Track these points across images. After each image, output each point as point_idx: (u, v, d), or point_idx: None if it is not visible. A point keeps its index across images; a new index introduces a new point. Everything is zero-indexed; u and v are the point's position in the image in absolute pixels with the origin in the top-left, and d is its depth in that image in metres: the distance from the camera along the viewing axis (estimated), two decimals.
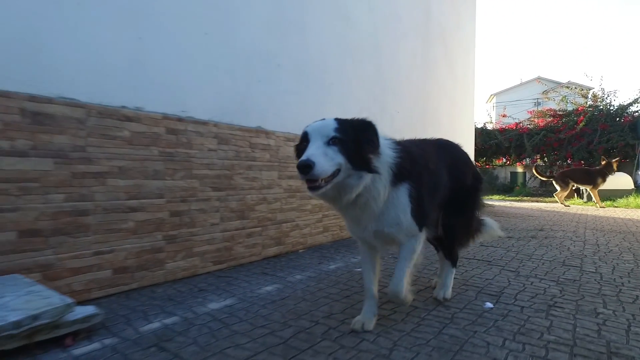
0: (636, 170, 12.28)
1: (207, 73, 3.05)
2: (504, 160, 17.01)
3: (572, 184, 9.70)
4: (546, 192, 14.12)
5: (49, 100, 2.17)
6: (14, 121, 2.04)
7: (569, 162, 13.92)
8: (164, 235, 2.74)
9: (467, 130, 8.87)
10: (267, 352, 1.73)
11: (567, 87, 17.77)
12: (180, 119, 2.84)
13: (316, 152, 1.54)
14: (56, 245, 2.22)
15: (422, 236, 2.01)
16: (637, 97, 13.31)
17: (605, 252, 3.88)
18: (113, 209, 2.46)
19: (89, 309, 1.88)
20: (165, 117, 2.74)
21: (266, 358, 1.67)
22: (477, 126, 15.39)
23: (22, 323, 1.59)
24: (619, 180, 10.38)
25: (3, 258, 2.02)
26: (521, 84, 34.53)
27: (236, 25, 3.27)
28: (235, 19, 3.26)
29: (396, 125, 5.66)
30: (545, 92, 23.63)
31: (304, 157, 1.50)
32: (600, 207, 9.21)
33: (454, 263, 2.47)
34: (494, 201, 11.58)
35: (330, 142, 1.59)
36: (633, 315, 2.16)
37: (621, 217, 7.28)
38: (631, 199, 9.78)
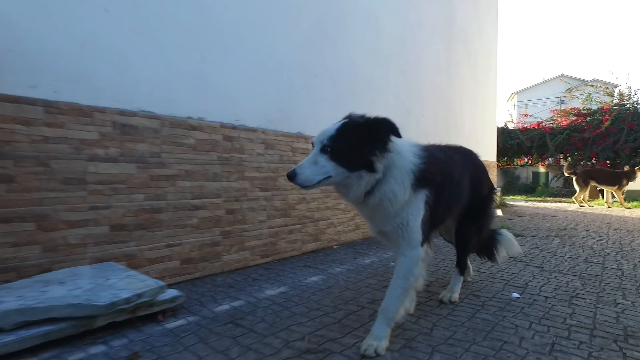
0: None
1: (256, 85, 3.39)
2: (526, 160, 16.90)
3: (594, 184, 9.67)
4: (570, 192, 14.03)
5: (133, 114, 2.55)
6: (107, 132, 2.42)
7: (593, 161, 13.78)
8: (220, 231, 3.10)
9: (489, 131, 9.00)
10: (325, 329, 2.04)
11: (592, 86, 17.45)
12: (234, 127, 3.19)
13: (305, 162, 1.74)
14: (137, 238, 2.59)
15: (421, 254, 1.93)
16: None
17: (628, 251, 4.05)
18: (181, 207, 2.83)
19: (174, 292, 2.23)
20: (222, 125, 3.10)
21: (326, 333, 1.99)
22: (497, 126, 15.37)
23: (131, 299, 1.95)
24: None
25: (99, 248, 2.41)
26: (543, 82, 33.97)
27: (280, 41, 3.60)
28: (279, 35, 3.59)
29: (421, 128, 5.91)
30: (568, 90, 23.18)
31: (292, 168, 1.73)
32: (625, 208, 9.20)
33: (461, 272, 2.59)
34: (515, 201, 11.63)
35: (323, 149, 1.73)
36: None
37: None
38: None
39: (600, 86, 16.62)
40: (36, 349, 1.74)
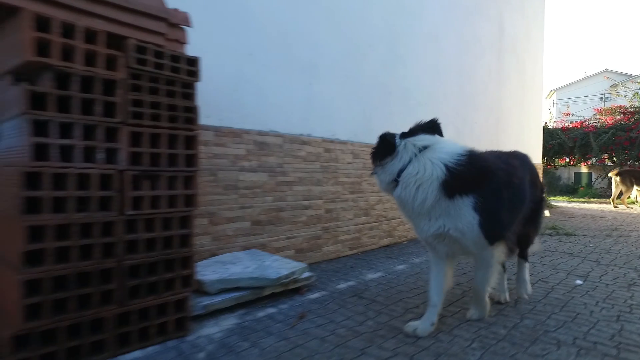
0: None
1: (347, 104, 4.04)
2: (567, 160, 16.73)
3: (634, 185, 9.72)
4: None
5: (266, 134, 3.26)
6: (250, 149, 3.14)
7: None
8: (322, 227, 3.77)
9: (535, 134, 9.29)
10: None
11: None
12: (331, 141, 3.85)
13: None
14: (268, 231, 3.30)
15: (494, 250, 2.15)
16: None
17: None
18: (296, 207, 3.51)
19: (308, 272, 2.91)
20: (324, 140, 3.77)
21: None
22: None
23: (288, 276, 2.64)
24: None
25: (244, 239, 3.12)
26: (585, 78, 32.94)
27: (364, 65, 4.23)
28: (363, 61, 4.22)
29: (474, 134, 6.39)
30: (613, 87, 22.43)
31: None
32: None
33: (526, 259, 2.82)
34: (558, 202, 11.76)
35: None
36: None
37: None
38: None
39: None
40: (232, 308, 2.45)
